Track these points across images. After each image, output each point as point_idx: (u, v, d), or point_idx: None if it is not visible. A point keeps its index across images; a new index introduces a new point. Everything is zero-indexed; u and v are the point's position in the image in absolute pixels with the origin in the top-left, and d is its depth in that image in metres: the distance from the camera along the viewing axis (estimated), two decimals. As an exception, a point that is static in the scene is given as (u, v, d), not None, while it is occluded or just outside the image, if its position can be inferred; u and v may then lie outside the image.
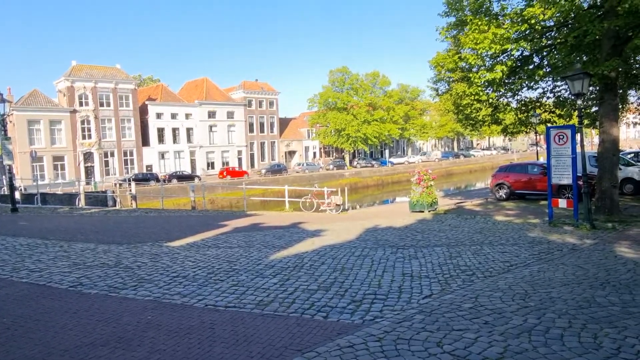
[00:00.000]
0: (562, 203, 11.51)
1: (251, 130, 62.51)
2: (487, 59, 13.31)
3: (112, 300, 5.48)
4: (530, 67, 13.64)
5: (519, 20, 11.94)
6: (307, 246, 8.96)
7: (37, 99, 46.76)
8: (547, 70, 13.84)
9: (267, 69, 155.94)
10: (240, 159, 60.40)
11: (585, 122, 15.82)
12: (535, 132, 23.34)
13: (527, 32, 12.29)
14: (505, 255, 7.78)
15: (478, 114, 15.04)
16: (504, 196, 18.09)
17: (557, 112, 15.83)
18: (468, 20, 12.65)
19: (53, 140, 46.25)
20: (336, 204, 17.69)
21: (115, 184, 39.11)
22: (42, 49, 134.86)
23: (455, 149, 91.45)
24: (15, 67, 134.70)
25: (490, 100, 14.40)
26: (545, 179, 14.49)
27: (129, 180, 38.27)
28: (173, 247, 8.98)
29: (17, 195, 25.12)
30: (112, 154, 50.13)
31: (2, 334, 4.40)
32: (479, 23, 12.08)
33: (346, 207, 18.39)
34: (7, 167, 16.25)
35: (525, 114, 15.68)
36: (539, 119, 16.63)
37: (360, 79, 63.78)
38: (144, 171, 49.66)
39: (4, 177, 23.50)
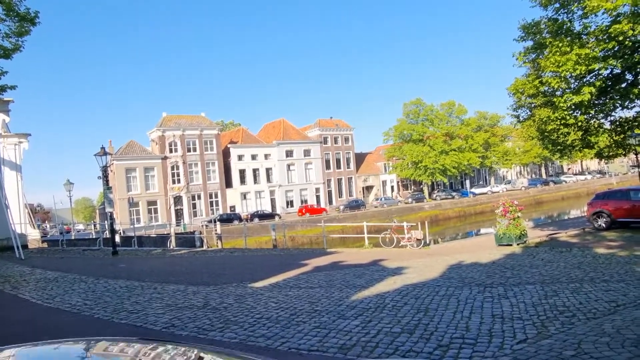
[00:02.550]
0: (675, 232, 10.26)
1: (328, 167, 63.49)
2: (572, 81, 12.57)
3: (200, 342, 5.67)
4: (623, 85, 12.66)
5: (605, 37, 11.23)
6: (388, 285, 8.75)
7: (133, 148, 51.32)
8: (643, 87, 12.75)
9: (342, 106, 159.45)
10: (318, 196, 61.31)
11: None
12: (636, 153, 21.37)
13: (615, 50, 11.50)
14: (610, 294, 7.03)
15: (566, 138, 14.11)
16: (603, 225, 16.55)
17: (660, 130, 14.42)
18: (547, 43, 12.12)
19: (147, 186, 50.20)
20: (417, 239, 17.18)
21: (202, 225, 41.30)
22: (138, 102, 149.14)
23: (544, 176, 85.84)
24: (115, 121, 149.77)
25: (579, 123, 13.47)
26: (652, 206, 13.13)
27: (214, 221, 40.19)
28: (257, 288, 9.19)
29: (117, 238, 27.39)
30: (199, 197, 53.19)
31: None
32: (560, 45, 11.53)
33: (427, 242, 17.81)
34: (109, 213, 17.82)
35: (622, 136, 14.43)
36: (639, 140, 15.21)
37: (435, 109, 62.82)
38: (228, 211, 52.02)
39: (106, 222, 25.77)
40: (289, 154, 59.91)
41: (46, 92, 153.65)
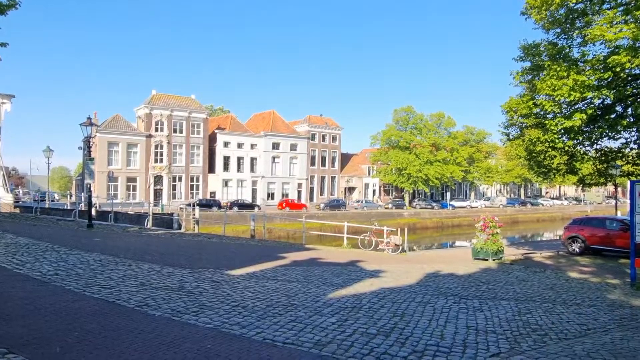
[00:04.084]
0: (648, 264, 10.50)
1: (312, 164, 63.46)
2: (565, 106, 12.78)
3: (174, 325, 5.58)
4: (612, 116, 12.93)
5: (601, 67, 11.43)
6: (365, 287, 8.76)
7: (119, 123, 50.42)
8: (631, 120, 13.02)
9: (332, 105, 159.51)
10: (300, 192, 61.24)
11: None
12: (615, 185, 21.86)
13: (610, 80, 11.71)
14: (581, 317, 7.16)
15: (552, 161, 14.34)
16: (577, 250, 16.91)
17: (642, 164, 14.75)
18: (545, 66, 12.28)
19: (128, 162, 49.40)
20: (395, 244, 17.30)
21: (181, 208, 40.82)
22: (127, 77, 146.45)
23: (522, 196, 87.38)
24: (102, 92, 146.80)
25: (567, 148, 13.71)
26: (626, 236, 13.42)
27: (193, 205, 39.78)
28: (233, 276, 9.10)
29: (93, 212, 26.87)
30: (180, 179, 52.60)
31: (73, 347, 4.59)
32: (558, 69, 11.68)
33: (405, 249, 17.94)
34: (87, 185, 17.44)
35: (605, 165, 14.74)
36: (620, 171, 15.56)
37: (424, 118, 63.37)
38: (208, 197, 51.55)
39: (82, 194, 25.24)
40: (275, 146, 59.67)
41: (36, 53, 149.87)
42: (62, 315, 5.70)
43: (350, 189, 68.79)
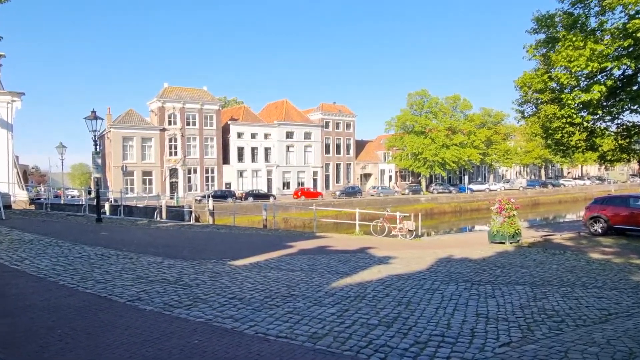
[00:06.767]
0: (674, 243, 9.90)
1: (327, 152, 63.00)
2: (582, 79, 12.07)
3: (164, 319, 5.32)
4: (634, 87, 12.16)
5: (621, 35, 10.70)
6: (372, 274, 8.40)
7: (132, 117, 50.70)
8: (655, 91, 12.25)
9: (346, 92, 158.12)
10: (315, 180, 60.94)
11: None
12: (639, 161, 20.94)
13: (630, 49, 10.98)
14: (602, 301, 6.68)
15: (570, 138, 13.65)
16: (599, 231, 16.22)
17: (666, 138, 13.98)
18: (560, 37, 11.58)
19: (143, 156, 49.72)
20: (408, 230, 16.86)
21: (195, 200, 40.94)
22: (141, 70, 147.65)
23: (543, 178, 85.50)
24: (116, 87, 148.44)
25: (585, 123, 13.01)
26: (652, 214, 12.78)
27: (208, 197, 39.85)
28: (235, 267, 8.83)
29: (107, 206, 27.02)
30: (195, 171, 52.78)
31: (52, 346, 4.36)
32: (574, 39, 10.99)
33: (419, 234, 17.50)
34: (95, 179, 17.39)
35: (627, 140, 13.98)
36: (644, 146, 14.78)
37: (439, 102, 62.09)
38: (223, 188, 51.63)
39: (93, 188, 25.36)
40: (289, 135, 59.35)
41: (49, 52, 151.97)
42: (51, 312, 5.49)
43: (366, 176, 68.21)
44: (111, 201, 31.36)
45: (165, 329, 4.96)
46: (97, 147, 16.28)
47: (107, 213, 24.89)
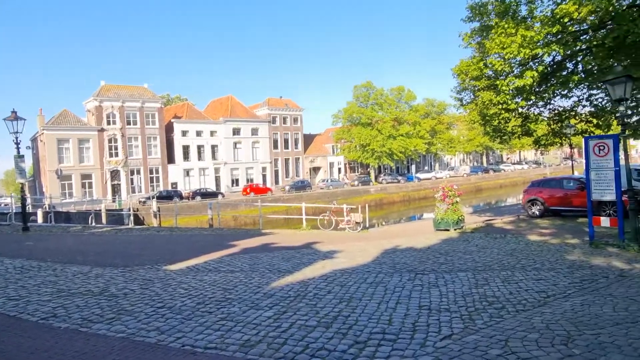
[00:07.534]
0: (605, 221, 10.28)
1: (275, 147, 62.35)
2: (516, 65, 12.33)
3: (79, 337, 4.77)
4: (564, 73, 12.58)
5: (549, 22, 10.97)
6: (315, 270, 8.12)
7: (67, 118, 47.82)
8: (582, 76, 12.72)
9: (292, 86, 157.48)
10: (264, 176, 60.17)
11: (627, 132, 14.53)
12: (570, 145, 21.97)
13: (559, 36, 11.30)
14: (540, 284, 6.74)
15: (507, 124, 13.99)
16: (537, 213, 16.82)
17: (594, 121, 14.59)
18: (494, 24, 11.75)
19: (81, 158, 47.07)
20: (356, 222, 16.75)
21: (140, 202, 39.23)
22: (75, 70, 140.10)
23: (485, 164, 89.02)
24: (49, 88, 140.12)
25: (520, 109, 13.34)
26: (583, 194, 13.32)
27: (152, 198, 38.31)
28: (170, 271, 8.28)
29: (39, 213, 25.23)
30: (138, 172, 50.62)
31: None
32: (506, 26, 11.17)
33: (367, 226, 17.45)
34: (20, 185, 16.04)
35: (559, 125, 14.53)
36: (574, 130, 15.43)
37: (385, 93, 62.97)
38: (169, 188, 49.87)
39: (22, 195, 23.53)
40: (236, 131, 58.16)
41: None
42: (-56, 339, 4.79)
43: (316, 169, 68.17)
44: (45, 207, 29.35)
45: (79, 349, 4.44)
46: (20, 150, 14.98)
47: (40, 221, 23.22)
